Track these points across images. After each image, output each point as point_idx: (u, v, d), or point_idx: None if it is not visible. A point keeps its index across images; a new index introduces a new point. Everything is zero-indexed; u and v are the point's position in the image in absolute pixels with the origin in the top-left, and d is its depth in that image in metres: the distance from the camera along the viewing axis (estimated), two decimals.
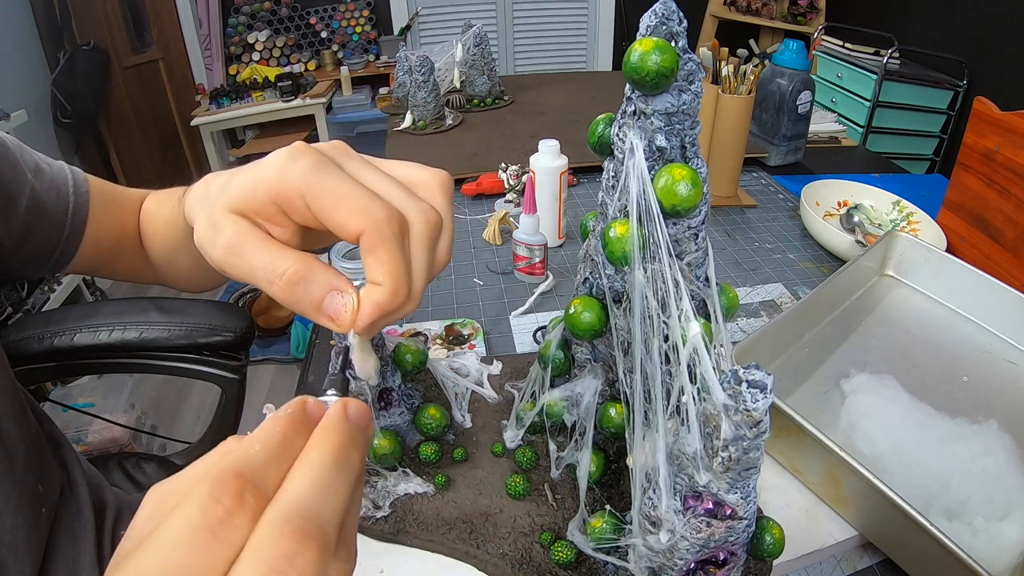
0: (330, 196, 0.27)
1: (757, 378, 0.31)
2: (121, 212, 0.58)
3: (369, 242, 0.27)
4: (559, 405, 0.48)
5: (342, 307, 0.27)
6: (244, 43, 3.03)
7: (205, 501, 0.18)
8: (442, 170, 0.33)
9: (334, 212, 0.27)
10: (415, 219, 0.29)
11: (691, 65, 0.38)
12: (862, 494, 0.48)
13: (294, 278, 0.27)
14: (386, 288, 0.27)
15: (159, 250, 0.57)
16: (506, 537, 0.47)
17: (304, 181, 0.27)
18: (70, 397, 1.69)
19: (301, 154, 0.28)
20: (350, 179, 0.28)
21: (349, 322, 0.27)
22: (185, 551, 0.18)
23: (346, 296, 0.27)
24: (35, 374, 0.85)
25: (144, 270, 0.61)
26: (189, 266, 0.55)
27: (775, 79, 1.14)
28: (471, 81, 1.51)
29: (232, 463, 0.20)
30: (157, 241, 0.57)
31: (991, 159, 0.83)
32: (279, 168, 0.28)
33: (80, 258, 0.55)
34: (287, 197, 0.27)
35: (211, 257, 0.29)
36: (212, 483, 0.19)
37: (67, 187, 0.54)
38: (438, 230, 0.30)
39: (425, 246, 0.29)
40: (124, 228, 0.58)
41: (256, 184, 0.28)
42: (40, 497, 0.50)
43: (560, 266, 0.88)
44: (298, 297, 0.27)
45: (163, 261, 0.58)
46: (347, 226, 0.27)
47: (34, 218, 0.51)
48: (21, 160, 0.51)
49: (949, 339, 0.69)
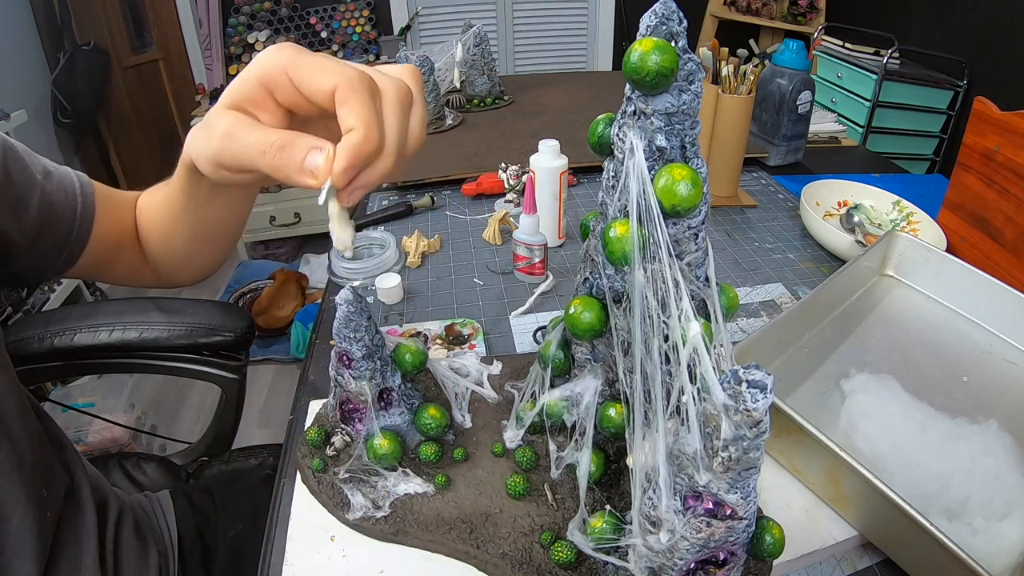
0: (308, 66, 0.32)
1: (757, 378, 0.31)
2: (121, 212, 0.60)
3: (342, 95, 0.31)
4: (559, 405, 0.48)
5: (319, 159, 0.31)
6: (244, 43, 3.03)
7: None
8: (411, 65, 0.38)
9: (312, 78, 0.31)
10: (386, 85, 0.33)
11: (691, 65, 0.38)
12: (862, 494, 0.48)
13: (281, 143, 0.31)
14: (358, 132, 0.31)
15: (155, 236, 0.58)
16: (506, 537, 0.47)
17: (288, 59, 0.32)
18: (70, 397, 1.69)
19: (286, 46, 0.33)
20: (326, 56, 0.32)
21: (326, 171, 0.31)
22: None
23: (324, 150, 0.31)
24: (35, 374, 0.85)
25: (141, 271, 0.62)
26: (185, 239, 0.56)
27: (775, 79, 1.14)
28: (471, 81, 1.51)
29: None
30: (153, 227, 0.58)
31: (991, 159, 0.83)
32: (266, 54, 0.33)
33: (85, 258, 0.57)
34: (272, 76, 0.32)
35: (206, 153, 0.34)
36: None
37: (74, 189, 0.56)
38: (408, 98, 0.34)
39: (396, 106, 0.33)
40: (123, 228, 0.60)
41: (246, 75, 0.33)
42: (45, 501, 0.50)
43: (560, 266, 0.88)
44: (285, 160, 0.31)
45: (160, 248, 0.59)
46: (322, 85, 0.31)
47: (46, 217, 0.53)
48: (30, 163, 0.53)
49: (949, 339, 0.69)
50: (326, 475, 0.52)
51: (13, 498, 0.47)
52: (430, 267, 0.89)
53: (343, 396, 0.52)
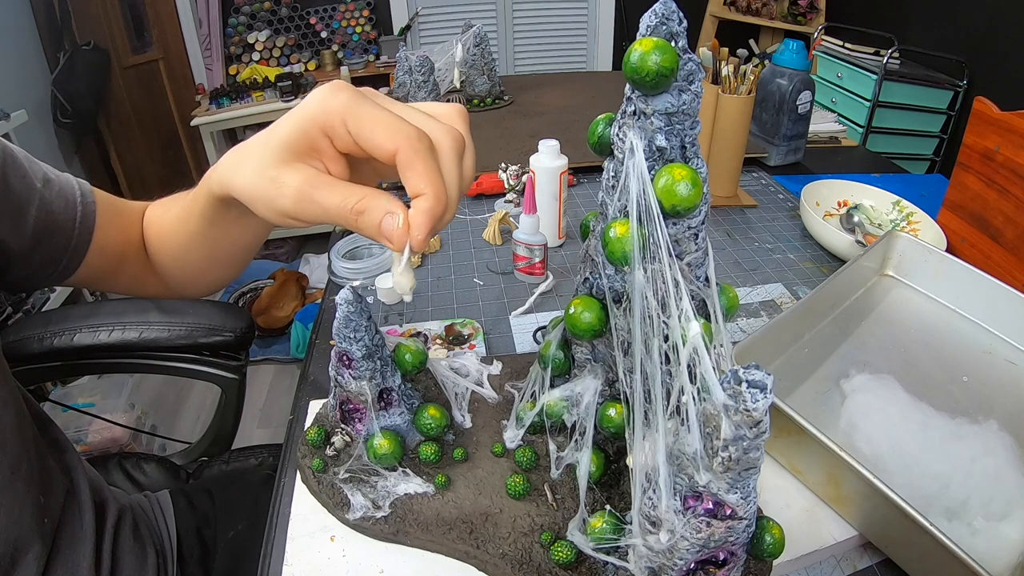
0: (367, 120, 0.32)
1: (757, 378, 0.31)
2: (125, 223, 0.58)
3: (405, 158, 0.31)
4: (559, 405, 0.48)
5: (394, 226, 0.32)
6: (244, 43, 3.03)
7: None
8: (457, 103, 0.39)
9: (372, 134, 0.32)
10: (441, 137, 0.34)
11: (691, 65, 0.38)
12: (862, 494, 0.48)
13: (361, 208, 0.32)
14: (429, 195, 0.31)
15: (168, 251, 0.57)
16: (506, 537, 0.47)
17: (346, 108, 0.32)
18: (70, 397, 1.69)
19: (341, 88, 0.33)
20: (383, 107, 0.32)
21: (402, 238, 0.32)
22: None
23: (395, 216, 0.32)
24: (35, 374, 0.85)
25: (147, 282, 0.61)
26: (200, 258, 0.55)
27: (775, 79, 1.14)
28: (471, 81, 1.51)
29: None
30: (166, 243, 0.57)
31: (991, 159, 0.83)
32: (323, 99, 0.32)
33: (84, 268, 0.56)
34: (331, 124, 0.32)
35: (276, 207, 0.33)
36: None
37: (75, 197, 0.55)
38: (462, 146, 0.35)
39: (454, 159, 0.34)
40: (128, 238, 0.58)
41: (304, 119, 0.33)
42: (43, 507, 0.50)
43: (560, 266, 0.88)
44: (363, 224, 0.32)
45: (172, 262, 0.58)
46: (384, 145, 0.31)
47: (44, 226, 0.52)
48: (29, 170, 0.52)
49: (949, 339, 0.69)
50: (326, 475, 0.52)
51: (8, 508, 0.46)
52: (430, 267, 0.89)
53: (343, 396, 0.52)
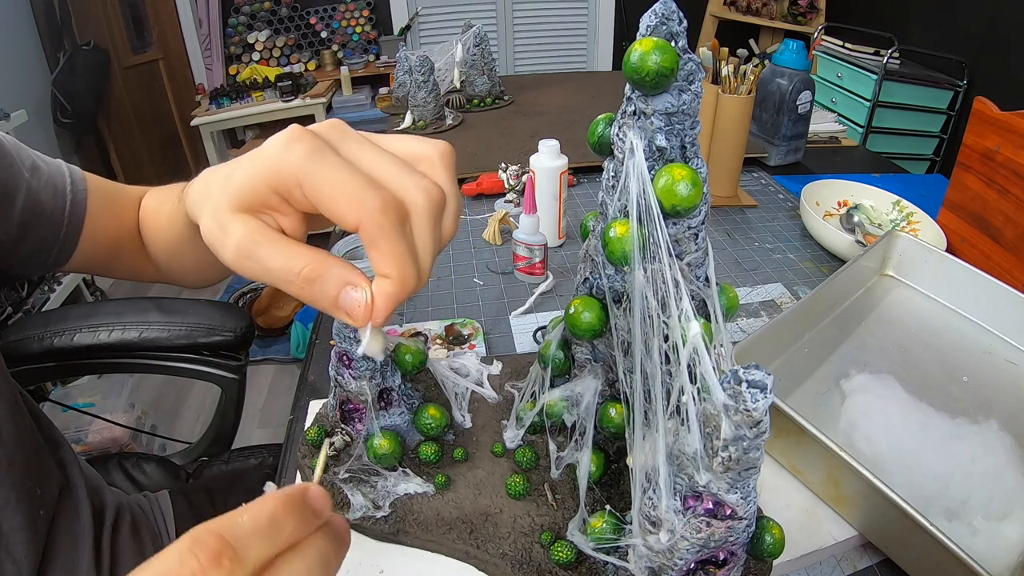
0: (326, 185, 0.27)
1: (757, 378, 0.31)
2: (120, 210, 0.57)
3: (368, 235, 0.27)
4: (559, 405, 0.48)
5: (356, 303, 0.27)
6: (244, 43, 3.03)
7: (184, 553, 0.20)
8: (442, 141, 0.33)
9: (331, 204, 0.27)
10: (416, 198, 0.29)
11: (691, 65, 0.38)
12: (862, 494, 0.48)
13: (310, 276, 0.27)
14: (394, 280, 0.27)
15: (161, 247, 0.57)
16: (506, 537, 0.47)
17: (300, 170, 0.27)
18: (70, 397, 1.69)
19: (297, 139, 0.27)
20: (346, 165, 0.27)
21: (365, 316, 0.28)
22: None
23: (359, 291, 0.27)
24: (35, 374, 0.85)
25: (145, 268, 0.60)
26: (192, 262, 0.55)
27: (775, 79, 1.14)
28: (471, 81, 1.51)
29: (216, 525, 0.21)
30: (159, 238, 0.56)
31: (991, 159, 0.83)
32: (275, 157, 0.27)
33: (79, 256, 0.55)
34: (286, 187, 0.27)
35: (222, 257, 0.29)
36: (193, 538, 0.20)
37: (64, 185, 0.53)
38: (441, 206, 0.30)
39: (429, 225, 0.29)
40: (123, 226, 0.57)
41: (255, 176, 0.28)
42: (38, 499, 0.50)
43: (560, 266, 0.88)
44: (316, 294, 0.27)
45: (165, 258, 0.57)
46: (344, 218, 0.27)
47: (31, 216, 0.51)
48: (17, 158, 0.51)
49: (949, 339, 0.69)
50: (326, 475, 0.52)
51: (3, 499, 0.46)
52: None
53: (343, 396, 0.52)
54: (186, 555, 0.19)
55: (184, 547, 0.20)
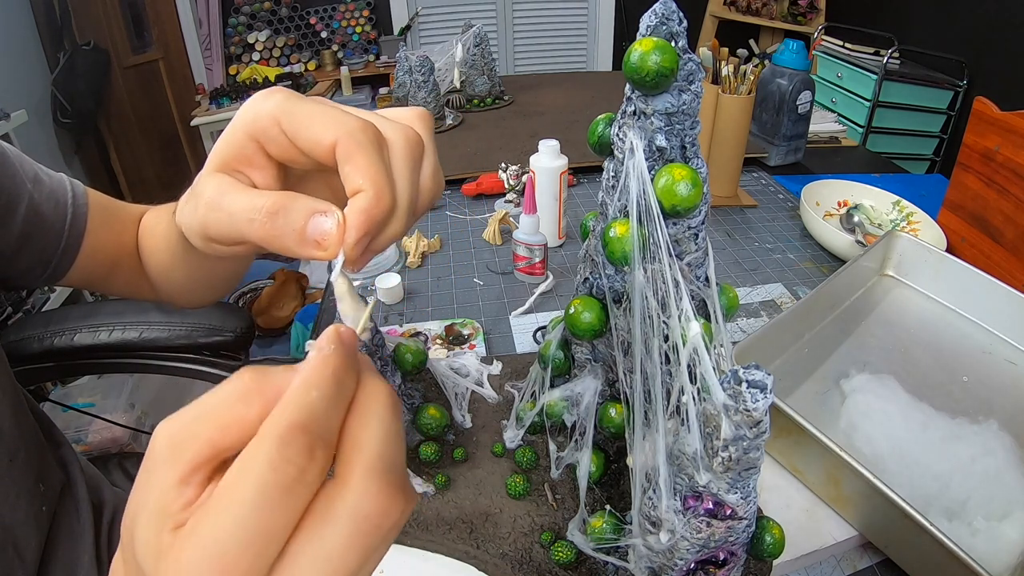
0: (304, 116, 0.27)
1: (757, 378, 0.31)
2: (120, 227, 0.57)
3: (345, 150, 0.26)
4: (559, 405, 0.48)
5: (326, 228, 0.26)
6: (244, 43, 3.03)
7: (276, 460, 0.18)
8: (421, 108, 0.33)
9: (309, 130, 0.27)
10: (392, 135, 0.28)
11: (691, 65, 0.38)
12: (862, 494, 0.48)
13: (273, 208, 0.26)
14: (369, 192, 0.26)
15: (155, 265, 0.56)
16: (506, 537, 0.47)
17: (279, 108, 0.27)
18: (70, 397, 1.69)
19: (276, 90, 0.28)
20: (323, 102, 0.28)
21: (337, 241, 0.26)
22: (261, 512, 0.17)
23: (330, 215, 0.26)
24: (35, 374, 0.85)
25: (142, 286, 0.60)
26: (183, 280, 0.55)
27: (775, 79, 1.14)
28: (471, 81, 1.51)
29: (296, 417, 0.19)
30: (154, 256, 0.56)
31: (991, 159, 0.83)
32: (254, 104, 0.28)
33: (76, 270, 0.55)
34: (263, 128, 0.27)
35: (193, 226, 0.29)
36: (280, 441, 0.18)
37: (66, 198, 0.53)
38: (419, 148, 0.29)
39: (406, 159, 0.28)
40: (122, 243, 0.57)
41: (233, 128, 0.28)
42: (40, 496, 0.51)
43: (560, 266, 0.88)
44: (280, 229, 0.26)
45: (159, 276, 0.57)
46: (321, 139, 0.26)
47: (31, 227, 0.51)
48: (20, 169, 0.51)
49: (949, 339, 0.69)
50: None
51: (5, 493, 0.47)
52: (430, 267, 0.89)
53: None
54: (279, 461, 0.18)
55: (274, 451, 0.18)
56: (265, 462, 0.18)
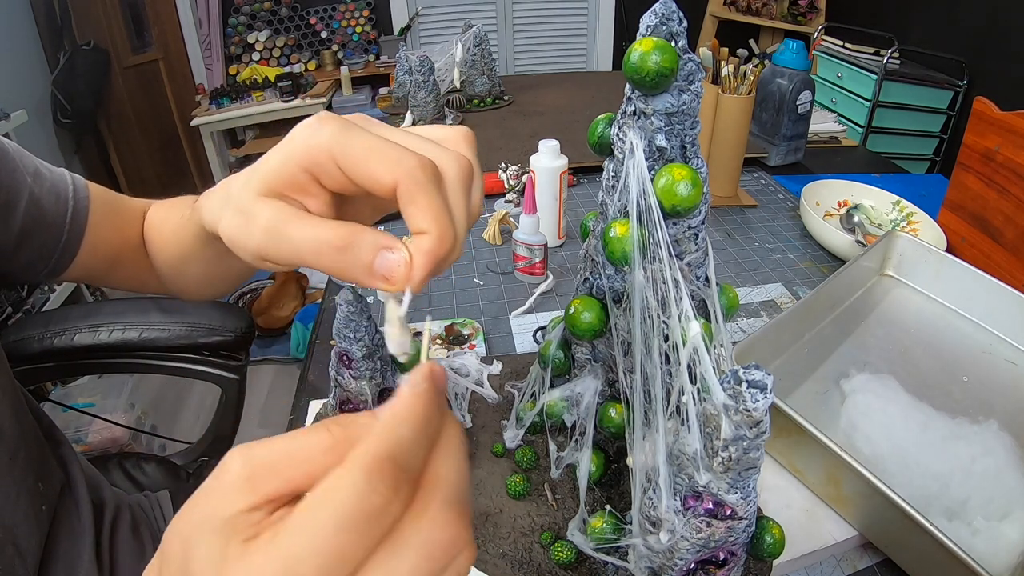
0: (360, 152, 0.27)
1: (757, 378, 0.31)
2: (122, 221, 0.57)
3: (406, 191, 0.26)
4: (559, 405, 0.48)
5: (395, 264, 0.26)
6: (244, 43, 3.03)
7: (362, 488, 0.18)
8: (462, 126, 0.34)
9: (367, 167, 0.27)
10: (447, 165, 0.29)
11: (691, 65, 0.38)
12: (862, 494, 0.48)
13: (341, 244, 0.26)
14: (433, 234, 0.27)
15: (166, 260, 0.56)
16: (506, 537, 0.47)
17: (333, 141, 0.27)
18: (70, 397, 1.69)
19: (328, 119, 0.28)
20: (378, 136, 0.28)
21: (403, 277, 0.27)
22: (340, 537, 0.18)
23: (397, 252, 0.26)
24: (35, 374, 0.85)
25: (146, 280, 0.60)
26: (198, 274, 0.54)
27: (775, 79, 1.14)
28: (471, 81, 1.51)
29: (385, 449, 0.19)
30: (164, 251, 0.56)
31: (991, 159, 0.83)
32: (307, 134, 0.28)
33: (78, 265, 0.55)
34: (317, 161, 0.27)
35: (248, 246, 0.28)
36: (368, 471, 0.19)
37: (67, 193, 0.53)
38: (470, 175, 0.30)
39: (461, 191, 0.29)
40: (125, 237, 0.57)
41: (286, 156, 0.28)
42: (40, 495, 0.51)
43: (560, 266, 0.88)
44: (348, 263, 0.27)
45: (170, 271, 0.56)
46: (381, 179, 0.27)
47: (32, 222, 0.51)
48: (20, 164, 0.51)
49: (949, 339, 0.69)
50: None
51: (6, 492, 0.47)
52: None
53: (343, 396, 0.52)
54: (365, 490, 0.18)
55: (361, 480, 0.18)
56: (351, 489, 0.18)
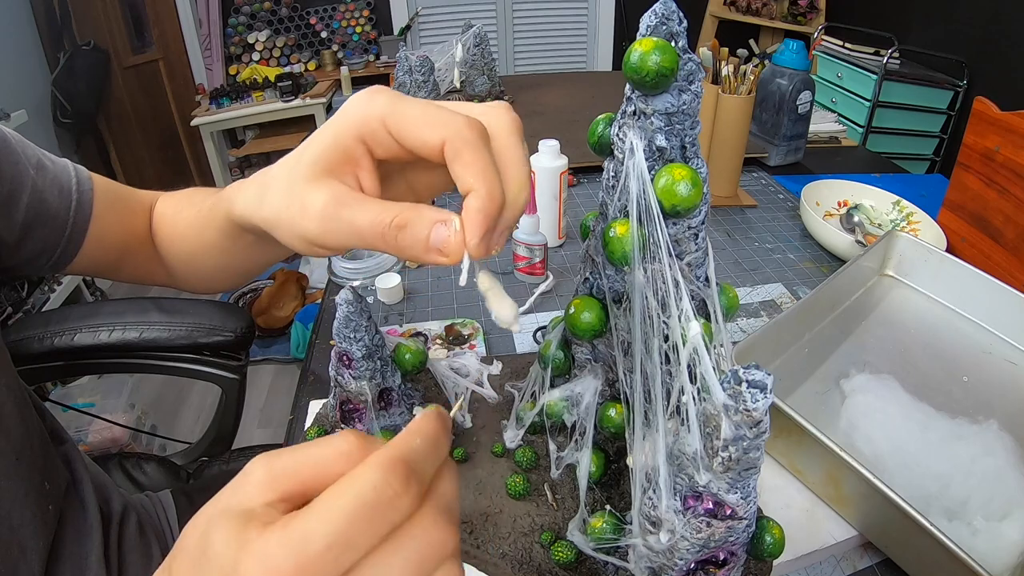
0: (411, 117, 0.28)
1: (757, 378, 0.31)
2: (129, 213, 0.56)
3: (453, 148, 0.27)
4: (559, 405, 0.48)
5: (446, 236, 0.27)
6: (244, 43, 3.03)
7: (378, 481, 0.20)
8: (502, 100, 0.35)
9: (415, 129, 0.28)
10: (495, 121, 0.30)
11: (691, 65, 0.38)
12: (862, 494, 0.48)
13: (401, 223, 0.27)
14: (481, 191, 0.27)
15: (179, 252, 0.55)
16: (506, 537, 0.47)
17: (387, 108, 0.29)
18: (70, 397, 1.69)
19: (380, 91, 0.30)
20: (427, 102, 0.29)
21: (458, 246, 0.27)
22: (354, 523, 0.20)
23: (449, 224, 0.27)
24: (35, 374, 0.85)
25: (154, 272, 0.59)
26: (215, 267, 0.54)
27: (775, 79, 1.14)
28: (471, 81, 1.51)
29: (399, 451, 0.21)
30: (177, 243, 0.55)
31: (991, 159, 0.83)
32: (362, 104, 0.29)
33: (83, 257, 0.54)
34: (371, 129, 0.29)
35: (304, 233, 0.29)
36: (384, 466, 0.21)
37: (70, 185, 0.52)
38: (521, 128, 0.31)
39: (515, 141, 0.30)
40: (132, 229, 0.56)
41: (340, 127, 0.29)
42: (46, 494, 0.50)
43: (560, 266, 0.88)
44: (408, 241, 0.28)
45: (183, 264, 0.56)
46: (429, 140, 0.28)
47: (35, 215, 0.50)
48: (23, 156, 0.50)
49: (949, 339, 0.69)
50: None
51: (12, 493, 0.46)
52: (430, 267, 0.89)
53: (343, 396, 0.52)
54: (381, 483, 0.20)
55: (378, 474, 0.20)
56: (368, 482, 0.20)
